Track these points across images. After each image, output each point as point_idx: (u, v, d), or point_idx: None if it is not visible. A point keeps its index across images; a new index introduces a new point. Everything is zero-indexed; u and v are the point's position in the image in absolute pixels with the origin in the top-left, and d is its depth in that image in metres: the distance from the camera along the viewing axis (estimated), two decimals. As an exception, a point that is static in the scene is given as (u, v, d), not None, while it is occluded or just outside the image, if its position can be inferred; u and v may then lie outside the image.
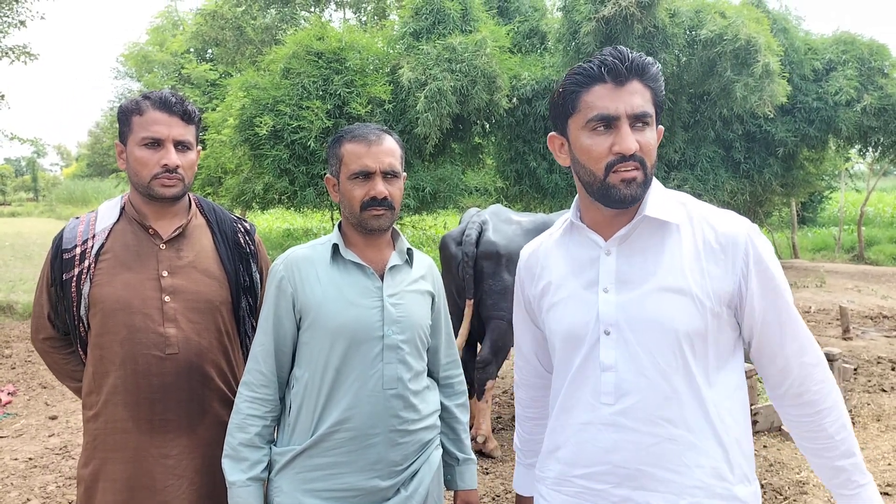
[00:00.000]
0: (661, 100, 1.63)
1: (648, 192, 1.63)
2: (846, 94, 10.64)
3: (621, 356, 1.59)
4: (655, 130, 1.61)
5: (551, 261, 1.79)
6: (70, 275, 2.14)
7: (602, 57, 1.57)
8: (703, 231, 1.61)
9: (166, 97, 2.14)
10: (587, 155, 1.59)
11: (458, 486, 2.32)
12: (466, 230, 5.03)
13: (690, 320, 1.55)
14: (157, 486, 2.12)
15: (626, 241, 1.64)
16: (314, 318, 2.05)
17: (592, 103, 1.57)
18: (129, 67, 20.42)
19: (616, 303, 1.60)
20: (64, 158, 79.64)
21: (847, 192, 22.85)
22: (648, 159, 1.57)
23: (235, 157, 10.54)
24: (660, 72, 1.61)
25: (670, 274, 1.57)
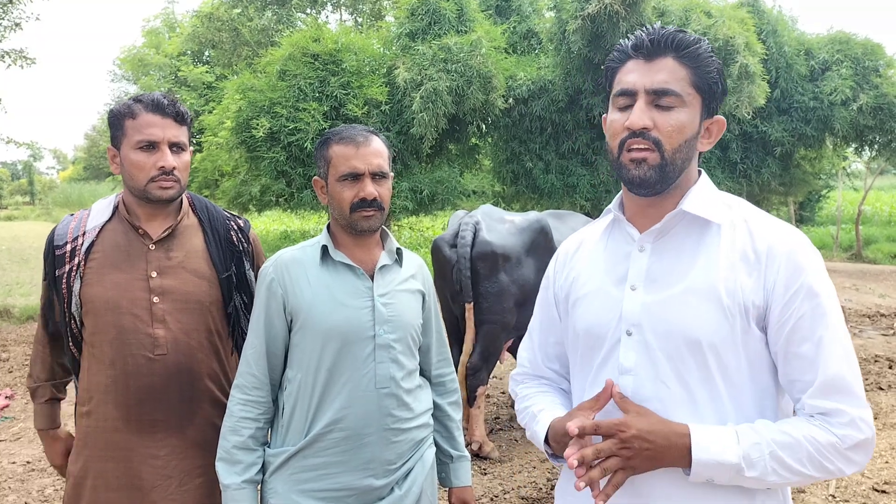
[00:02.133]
0: (709, 82, 1.49)
1: (694, 187, 1.54)
2: (842, 93, 10.68)
3: (641, 360, 1.50)
4: (690, 114, 1.48)
5: (586, 253, 1.71)
6: (61, 271, 2.14)
7: (637, 32, 1.51)
8: (741, 237, 1.48)
9: (158, 100, 2.13)
10: (609, 131, 1.54)
11: (453, 484, 2.32)
12: (460, 231, 4.90)
13: (716, 329, 1.43)
14: (145, 486, 2.12)
15: (661, 237, 1.55)
16: (305, 319, 2.05)
17: (621, 79, 1.52)
18: (126, 71, 20.41)
19: (641, 302, 1.51)
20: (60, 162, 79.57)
21: (845, 191, 22.90)
22: (667, 142, 1.45)
23: (232, 159, 10.56)
24: (705, 51, 1.48)
25: (701, 278, 1.46)
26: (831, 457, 1.35)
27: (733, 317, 1.43)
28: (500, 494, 4.46)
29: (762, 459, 1.35)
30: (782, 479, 1.36)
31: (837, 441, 1.35)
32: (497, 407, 6.31)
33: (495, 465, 4.93)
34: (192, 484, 2.17)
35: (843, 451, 1.35)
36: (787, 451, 1.35)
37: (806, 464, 1.35)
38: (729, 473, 1.36)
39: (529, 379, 1.85)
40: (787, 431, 1.37)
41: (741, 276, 1.44)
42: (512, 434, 5.57)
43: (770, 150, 11.40)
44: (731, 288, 1.44)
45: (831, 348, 1.38)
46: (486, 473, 4.80)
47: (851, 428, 1.35)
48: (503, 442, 5.40)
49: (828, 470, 1.36)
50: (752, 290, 1.43)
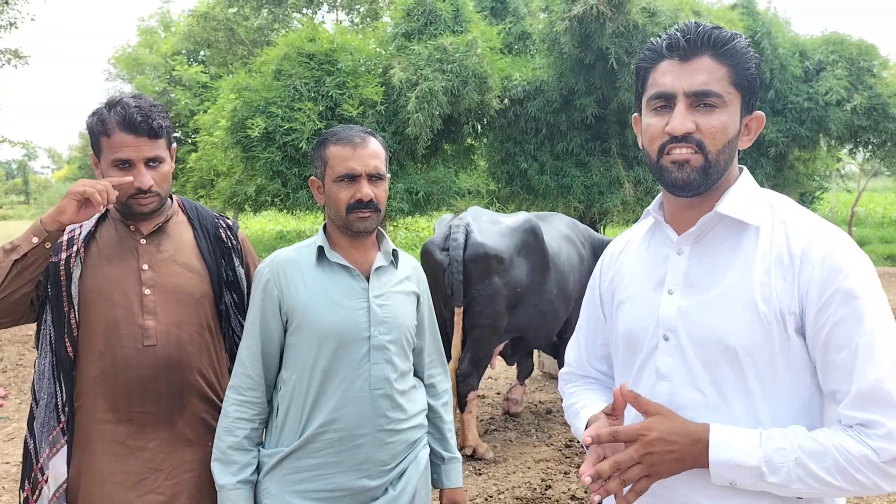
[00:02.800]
0: (748, 78, 1.44)
1: (733, 186, 1.50)
2: (836, 93, 10.71)
3: (677, 365, 1.47)
4: (732, 113, 1.44)
5: (630, 254, 1.69)
6: (57, 258, 2.13)
7: (671, 31, 1.47)
8: (779, 240, 1.43)
9: (131, 116, 2.08)
10: (646, 135, 1.50)
11: (444, 485, 2.33)
12: (451, 234, 4.82)
13: (752, 337, 1.39)
14: (133, 478, 2.11)
15: (699, 239, 1.51)
16: (301, 320, 2.05)
17: (655, 80, 1.47)
18: (121, 70, 20.39)
19: (678, 307, 1.48)
20: (55, 161, 79.46)
21: (838, 193, 22.98)
22: (710, 143, 1.41)
23: (227, 159, 10.54)
24: (744, 47, 1.44)
25: (737, 283, 1.42)
26: (865, 470, 1.28)
27: (769, 324, 1.38)
28: (494, 495, 4.47)
29: (786, 465, 1.30)
30: (809, 489, 1.31)
31: (873, 454, 1.27)
32: (492, 407, 6.33)
33: (490, 466, 4.94)
34: (181, 478, 2.17)
35: (880, 465, 1.28)
36: (815, 459, 1.29)
37: (835, 474, 1.29)
38: (750, 477, 1.32)
39: (577, 378, 1.84)
40: (818, 439, 1.31)
41: (776, 280, 1.39)
42: (506, 435, 5.58)
43: (764, 150, 11.42)
44: (766, 294, 1.39)
45: (869, 356, 1.30)
46: (481, 474, 4.81)
47: (888, 441, 1.27)
48: (497, 442, 5.41)
49: (862, 484, 1.29)
50: (788, 295, 1.38)
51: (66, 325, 2.14)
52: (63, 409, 2.13)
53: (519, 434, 5.59)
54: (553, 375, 7.04)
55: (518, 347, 5.45)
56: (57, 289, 2.13)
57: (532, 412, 6.10)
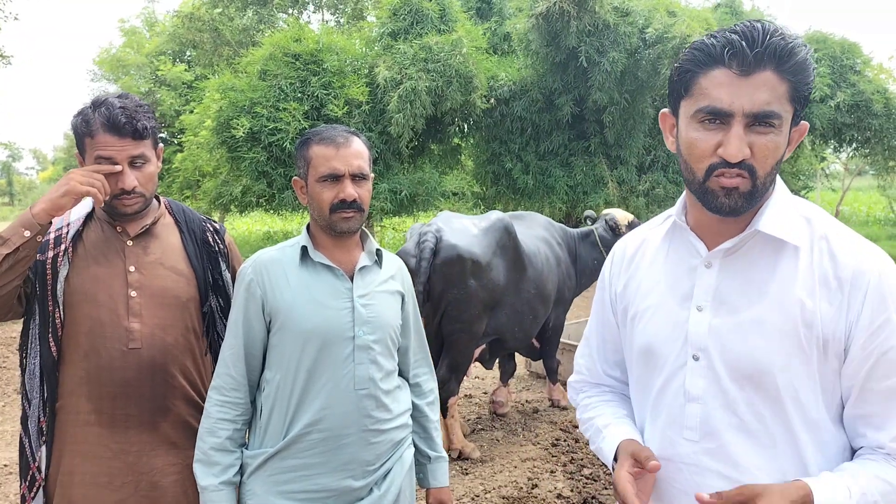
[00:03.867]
0: (805, 93, 1.33)
1: (770, 200, 1.41)
2: (819, 90, 10.81)
3: (710, 387, 1.40)
4: (785, 134, 1.34)
5: (647, 260, 1.60)
6: (43, 257, 2.12)
7: (730, 34, 1.31)
8: (822, 259, 1.36)
9: (115, 117, 2.07)
10: (689, 150, 1.37)
11: (431, 485, 2.33)
12: (421, 240, 4.63)
13: (790, 361, 1.34)
14: (115, 481, 2.11)
15: (731, 255, 1.43)
16: (284, 320, 2.05)
17: (707, 90, 1.33)
18: (105, 71, 20.26)
19: (709, 325, 1.41)
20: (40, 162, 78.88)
21: (823, 192, 23.14)
22: (761, 168, 1.32)
23: (213, 159, 10.51)
24: (808, 60, 1.31)
25: (776, 306, 1.36)
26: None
27: (810, 348, 1.33)
28: (481, 494, 4.47)
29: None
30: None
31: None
32: (479, 407, 6.33)
33: (476, 465, 4.94)
34: (165, 482, 2.17)
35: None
36: (887, 499, 1.29)
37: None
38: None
39: (589, 387, 1.75)
40: (886, 478, 1.30)
41: (821, 304, 1.33)
42: (493, 434, 5.59)
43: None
44: (808, 318, 1.33)
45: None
46: (468, 473, 4.81)
47: None
48: (484, 442, 5.41)
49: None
50: (833, 320, 1.33)
51: (51, 323, 2.12)
52: (44, 409, 2.12)
53: (506, 433, 5.59)
54: (540, 375, 7.04)
55: (496, 350, 5.36)
56: (43, 287, 2.12)
57: (519, 411, 6.11)
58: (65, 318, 2.12)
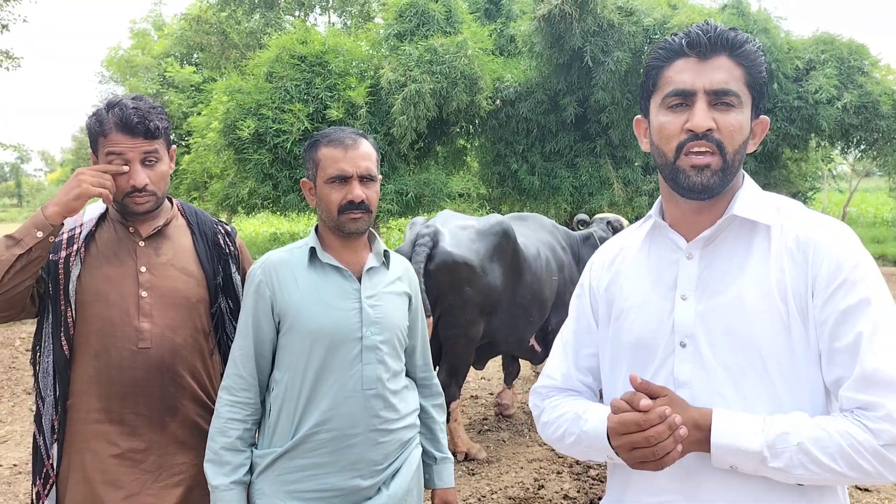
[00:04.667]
0: (760, 82, 1.45)
1: (741, 189, 1.50)
2: (826, 91, 10.75)
3: (697, 372, 1.44)
4: (746, 114, 1.44)
5: (628, 261, 1.64)
6: (56, 257, 2.14)
7: (688, 30, 1.45)
8: (789, 237, 1.44)
9: (128, 117, 2.10)
10: (660, 133, 1.47)
11: (436, 485, 2.34)
12: (417, 242, 4.58)
13: (774, 334, 1.39)
14: (124, 480, 2.12)
15: (710, 243, 1.50)
16: (293, 321, 2.06)
17: (671, 78, 1.45)
18: (114, 73, 20.34)
19: (695, 312, 1.46)
20: (48, 164, 79.22)
21: (830, 193, 23.08)
22: (729, 143, 1.41)
23: (220, 161, 10.55)
24: (758, 51, 1.44)
25: (755, 283, 1.41)
26: (867, 454, 1.27)
27: (790, 318, 1.39)
28: (487, 495, 4.48)
29: (788, 450, 1.29)
30: (811, 474, 1.30)
31: (873, 437, 1.27)
32: (485, 408, 6.34)
33: (483, 466, 4.95)
34: (172, 481, 2.18)
35: (878, 449, 1.27)
36: (817, 445, 1.29)
37: (837, 459, 1.28)
38: (751, 461, 1.32)
39: (557, 392, 1.72)
40: (821, 425, 1.31)
41: (789, 276, 1.40)
42: (499, 435, 5.60)
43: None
44: (783, 293, 1.39)
45: (872, 341, 1.32)
46: (474, 474, 4.82)
47: (888, 422, 1.27)
48: (490, 443, 5.42)
49: (864, 470, 1.28)
50: (802, 290, 1.39)
51: (63, 323, 2.14)
52: (57, 407, 2.14)
53: (512, 434, 5.60)
54: (546, 376, 7.04)
55: (486, 353, 5.29)
56: (56, 286, 2.14)
57: (525, 412, 6.12)
58: (76, 317, 2.14)
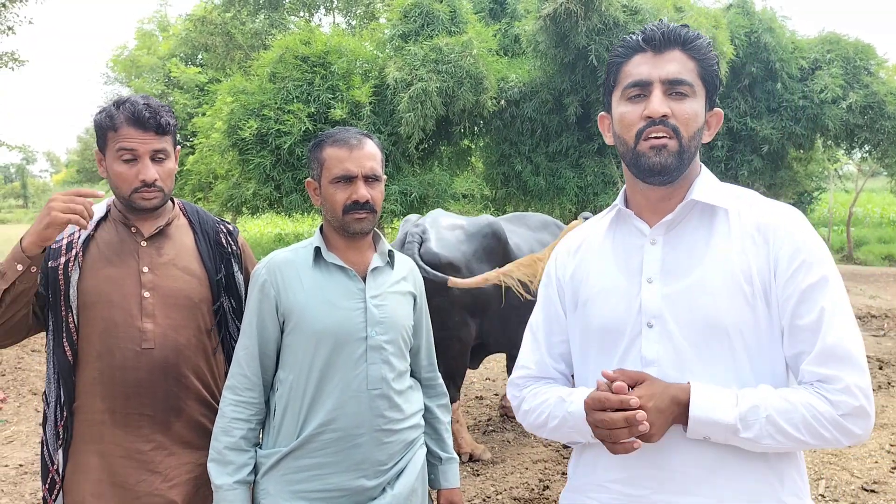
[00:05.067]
0: (711, 75, 1.56)
1: (699, 177, 1.60)
2: (832, 91, 10.73)
3: (664, 350, 1.51)
4: (700, 104, 1.54)
5: (593, 249, 1.71)
6: (56, 263, 2.14)
7: (644, 28, 1.57)
8: (747, 220, 1.54)
9: (139, 112, 2.11)
10: (621, 122, 1.57)
11: (442, 486, 2.34)
12: (406, 243, 4.60)
13: (739, 312, 1.47)
14: (129, 480, 2.13)
15: (673, 228, 1.58)
16: (298, 320, 2.06)
17: (629, 72, 1.56)
18: (119, 73, 20.39)
19: (661, 294, 1.54)
20: (53, 165, 79.47)
21: (836, 193, 23.00)
22: (684, 129, 1.51)
23: (224, 161, 10.57)
24: (708, 45, 1.56)
25: (718, 264, 1.50)
26: (827, 424, 1.38)
27: (754, 298, 1.48)
28: (492, 495, 4.47)
29: (758, 422, 1.39)
30: (777, 444, 1.40)
31: (832, 408, 1.38)
32: (489, 408, 6.33)
33: (487, 467, 4.94)
34: (177, 481, 2.18)
35: (837, 419, 1.38)
36: (784, 416, 1.38)
37: (801, 429, 1.38)
38: (724, 433, 1.41)
39: (534, 381, 1.77)
40: (786, 397, 1.40)
41: (753, 258, 1.49)
42: (504, 435, 5.59)
43: (757, 147, 11.42)
44: (746, 271, 1.48)
45: (832, 318, 1.42)
46: (479, 475, 4.81)
47: (846, 394, 1.38)
48: (495, 443, 5.42)
49: (823, 437, 1.39)
50: (764, 270, 1.48)
51: (65, 328, 2.14)
52: (61, 412, 2.14)
53: (517, 435, 5.59)
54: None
55: (479, 354, 5.25)
56: (55, 294, 2.14)
57: (530, 413, 6.11)
58: (79, 320, 2.14)
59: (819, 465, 4.79)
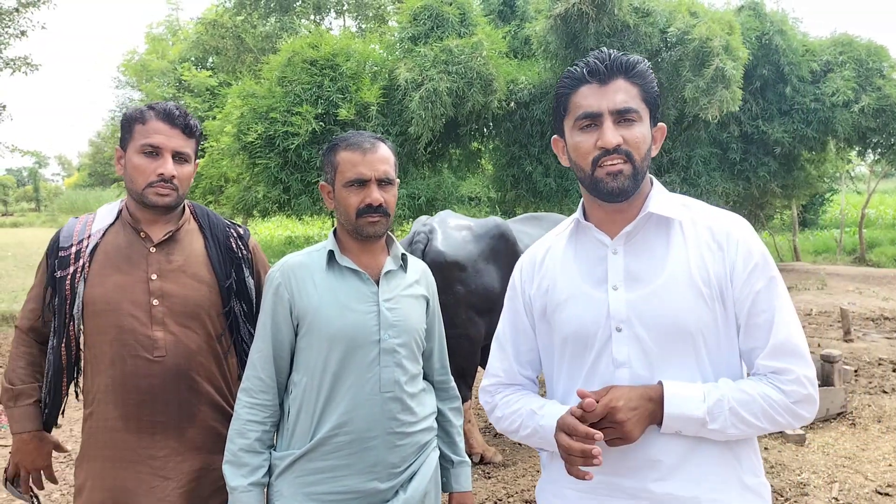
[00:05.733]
0: (653, 96, 1.68)
1: (652, 191, 1.71)
2: (843, 94, 10.63)
3: (634, 352, 1.62)
4: (646, 126, 1.66)
5: (557, 260, 1.81)
6: (64, 273, 2.16)
7: (588, 59, 1.67)
8: (701, 230, 1.67)
9: (170, 109, 2.18)
10: (576, 152, 1.67)
11: (454, 489, 2.34)
12: (413, 241, 4.70)
13: (700, 314, 1.60)
14: (143, 486, 2.14)
15: (632, 238, 1.69)
16: (311, 323, 2.07)
17: (579, 103, 1.66)
18: (130, 77, 20.50)
19: (626, 300, 1.64)
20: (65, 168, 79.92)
21: (848, 195, 22.88)
22: (636, 152, 1.62)
23: (234, 165, 10.59)
24: (648, 69, 1.67)
25: (677, 269, 1.62)
26: (781, 410, 1.55)
27: (712, 300, 1.61)
28: (503, 498, 4.47)
29: (722, 414, 1.53)
30: (740, 431, 1.55)
31: (785, 397, 1.55)
32: (501, 411, 6.32)
33: (499, 470, 4.94)
34: (190, 486, 2.20)
35: (790, 406, 1.55)
36: (745, 407, 1.54)
37: (760, 417, 1.55)
38: (695, 426, 1.54)
39: (504, 388, 1.89)
40: (745, 390, 1.56)
41: (710, 264, 1.62)
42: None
43: (770, 150, 11.36)
44: (704, 276, 1.61)
45: (782, 316, 1.59)
46: (490, 477, 4.81)
47: (797, 385, 1.55)
48: (506, 446, 5.41)
49: (778, 423, 1.56)
50: (720, 274, 1.62)
51: (65, 335, 2.19)
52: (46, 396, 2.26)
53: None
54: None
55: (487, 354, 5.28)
56: (62, 302, 2.18)
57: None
58: (84, 329, 2.18)
59: (832, 469, 4.77)
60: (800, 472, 4.73)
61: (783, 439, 5.33)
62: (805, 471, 4.75)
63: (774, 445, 5.24)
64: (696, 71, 9.16)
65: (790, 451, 5.13)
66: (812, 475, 4.67)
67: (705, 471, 1.59)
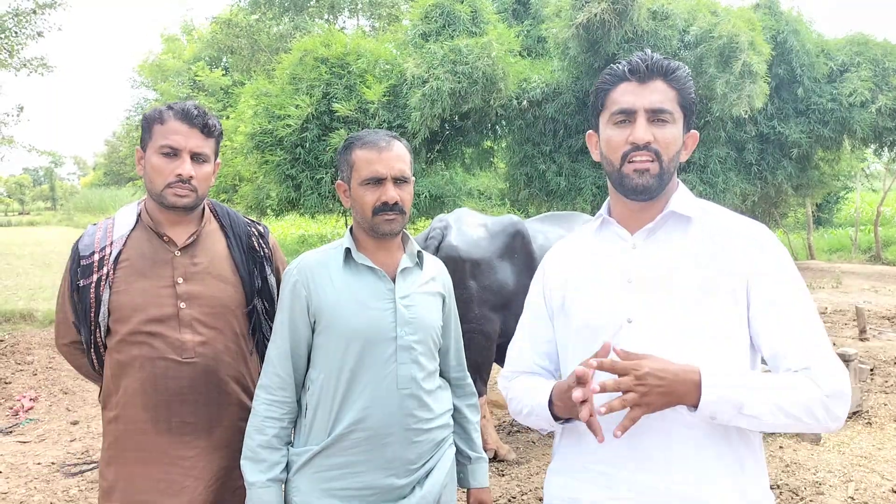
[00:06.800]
0: (689, 102, 1.72)
1: (676, 192, 1.75)
2: (860, 95, 10.56)
3: (645, 343, 1.63)
4: (679, 129, 1.70)
5: (578, 253, 1.87)
6: (88, 281, 2.18)
7: (630, 59, 1.71)
8: (718, 231, 1.70)
9: (188, 109, 2.19)
10: (608, 145, 1.72)
11: (471, 485, 2.35)
12: (428, 237, 4.76)
13: (710, 311, 1.62)
14: (173, 487, 2.16)
15: (651, 235, 1.74)
16: (328, 321, 2.09)
17: (616, 99, 1.70)
18: (146, 77, 20.63)
19: (639, 293, 1.68)
20: (81, 168, 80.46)
21: (863, 193, 22.72)
22: (665, 153, 1.67)
23: (248, 164, 10.64)
24: (687, 75, 1.71)
25: (691, 267, 1.65)
26: (819, 406, 1.52)
27: (725, 299, 1.63)
28: (517, 496, 4.48)
29: (766, 403, 1.50)
30: (775, 421, 1.51)
31: (822, 392, 1.52)
32: (514, 409, 6.33)
33: (513, 467, 4.95)
34: (219, 485, 2.22)
35: (825, 400, 1.52)
36: (783, 396, 1.51)
37: (799, 409, 1.51)
38: (731, 411, 1.50)
39: (520, 374, 1.93)
40: (783, 379, 1.55)
41: (724, 263, 1.65)
42: (529, 436, 5.59)
43: (787, 151, 11.30)
44: (718, 275, 1.64)
45: (806, 318, 1.60)
46: (504, 475, 4.82)
47: (832, 379, 1.53)
48: (520, 444, 5.42)
49: (815, 415, 1.52)
50: (734, 273, 1.63)
51: (93, 344, 2.23)
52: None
53: (541, 436, 5.59)
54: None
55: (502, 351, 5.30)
56: (86, 311, 2.19)
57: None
58: (111, 335, 2.20)
59: (848, 468, 4.75)
60: (815, 471, 4.71)
61: (798, 438, 5.31)
62: (821, 470, 4.73)
63: (790, 444, 5.22)
64: (722, 68, 9.14)
65: (806, 450, 5.11)
66: (828, 474, 4.65)
67: (709, 465, 1.61)
